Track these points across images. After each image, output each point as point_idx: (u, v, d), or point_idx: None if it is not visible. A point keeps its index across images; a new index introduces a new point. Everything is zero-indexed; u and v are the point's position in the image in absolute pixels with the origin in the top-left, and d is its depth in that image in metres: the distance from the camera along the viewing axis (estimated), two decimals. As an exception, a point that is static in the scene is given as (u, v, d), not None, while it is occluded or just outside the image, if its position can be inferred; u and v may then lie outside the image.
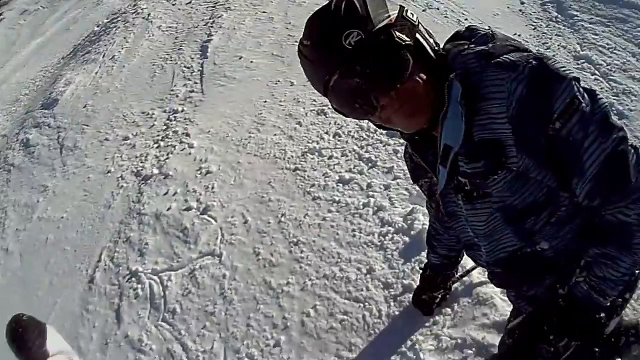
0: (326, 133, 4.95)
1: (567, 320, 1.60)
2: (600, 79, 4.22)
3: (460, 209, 1.67)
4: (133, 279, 4.43)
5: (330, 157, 4.58)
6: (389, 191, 3.91)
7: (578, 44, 4.69)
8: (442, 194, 1.70)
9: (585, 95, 1.38)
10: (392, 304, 3.13)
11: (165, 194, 5.16)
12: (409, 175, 2.08)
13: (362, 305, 3.23)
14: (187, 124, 5.96)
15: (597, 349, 1.79)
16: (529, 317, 1.75)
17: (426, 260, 2.77)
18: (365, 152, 4.40)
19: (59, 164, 6.51)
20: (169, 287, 4.16)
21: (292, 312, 3.45)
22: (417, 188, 2.36)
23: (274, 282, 3.75)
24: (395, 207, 3.73)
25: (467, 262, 2.81)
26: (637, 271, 1.58)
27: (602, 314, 1.59)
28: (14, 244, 5.68)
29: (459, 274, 2.87)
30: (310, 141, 4.97)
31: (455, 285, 2.97)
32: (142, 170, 5.71)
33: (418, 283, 2.90)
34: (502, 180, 1.49)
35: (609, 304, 1.59)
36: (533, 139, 1.40)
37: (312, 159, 4.67)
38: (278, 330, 3.42)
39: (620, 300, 1.71)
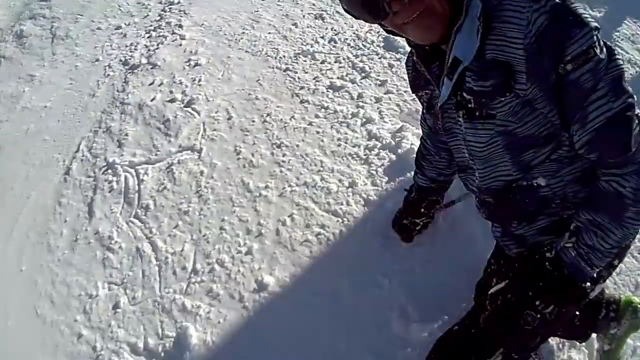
0: (322, 37, 4.78)
1: (553, 286, 1.60)
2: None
3: (459, 126, 1.64)
4: (109, 171, 4.30)
5: (323, 62, 4.47)
6: (380, 104, 3.82)
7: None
8: (442, 108, 1.67)
9: (604, 49, 1.36)
10: (370, 223, 3.06)
11: (150, 84, 4.98)
12: (401, 91, 1.95)
13: (340, 220, 3.17)
14: (181, 16, 5.77)
15: (577, 313, 1.79)
16: (513, 282, 1.73)
17: (412, 183, 2.70)
18: (360, 61, 4.30)
19: (49, 54, 6.28)
20: (144, 182, 4.03)
21: (268, 219, 3.36)
22: (409, 105, 2.33)
23: (252, 184, 3.62)
24: (385, 122, 3.64)
25: (451, 192, 2.76)
26: (625, 243, 1.60)
27: (588, 283, 1.59)
28: (-5, 136, 5.54)
29: (443, 203, 2.80)
30: (304, 43, 4.81)
31: (438, 214, 2.86)
32: (130, 59, 5.53)
33: (401, 206, 2.84)
34: (508, 104, 1.46)
35: (595, 274, 1.60)
36: (544, 71, 1.38)
37: (305, 61, 4.55)
38: (252, 237, 3.34)
39: (606, 268, 1.72)
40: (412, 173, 2.88)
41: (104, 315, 3.50)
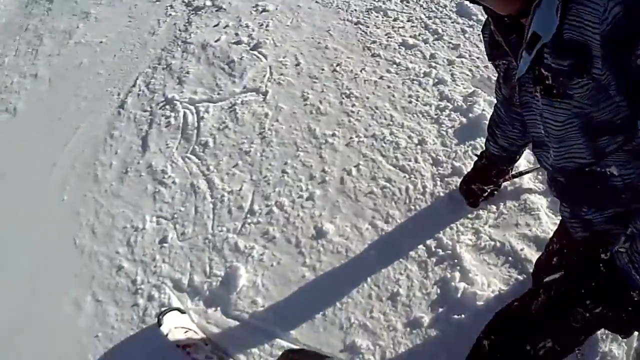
0: (394, -5, 4.71)
1: (604, 288, 1.53)
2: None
3: (537, 102, 1.59)
4: (167, 106, 4.22)
5: (395, 19, 4.32)
6: (452, 67, 3.70)
7: None
8: (520, 81, 1.62)
9: None
10: (438, 183, 3.00)
11: (215, 25, 4.89)
12: (474, 57, 1.90)
13: (407, 176, 3.09)
14: (249, -38, 5.66)
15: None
16: (568, 277, 1.66)
17: (483, 149, 2.63)
18: (433, 23, 4.15)
19: (105, -8, 6.25)
20: (204, 119, 3.94)
21: (333, 167, 3.29)
22: (481, 72, 2.37)
23: (319, 131, 3.53)
24: (457, 85, 3.54)
25: (521, 164, 2.76)
26: None
27: (637, 292, 1.50)
28: (44, 69, 5.48)
29: (512, 173, 2.75)
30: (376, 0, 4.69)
31: (505, 184, 2.79)
32: (193, 1, 5.45)
33: (470, 170, 2.77)
34: (585, 86, 1.40)
35: None
36: (618, 61, 1.31)
37: (377, 17, 4.39)
38: (314, 182, 3.27)
39: None
40: (483, 138, 2.86)
41: (148, 249, 3.44)
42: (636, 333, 2.20)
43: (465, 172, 2.81)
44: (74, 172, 4.21)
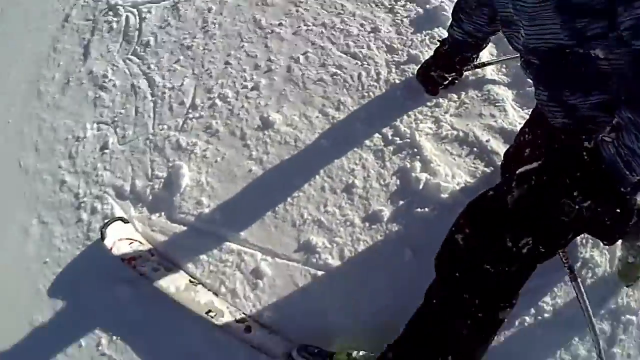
0: None
1: (593, 181, 1.46)
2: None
3: None
4: (110, 12, 4.09)
5: None
6: None
7: None
8: None
9: None
10: (393, 70, 2.93)
11: None
12: None
13: (359, 63, 3.02)
14: None
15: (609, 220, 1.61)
16: (549, 167, 1.56)
17: (446, 35, 2.57)
18: None
19: None
20: (146, 20, 3.81)
21: (279, 55, 3.21)
22: None
23: (265, 21, 3.40)
24: None
25: (483, 56, 2.73)
26: None
27: (628, 188, 1.45)
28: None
29: (474, 63, 2.66)
30: None
31: (467, 74, 2.71)
32: None
33: (429, 57, 2.69)
34: None
35: (635, 179, 1.44)
36: None
37: None
38: (260, 72, 3.19)
39: None
40: (441, 28, 2.90)
41: (90, 158, 3.36)
42: (619, 241, 2.14)
43: (423, 60, 2.75)
44: (19, 91, 4.11)
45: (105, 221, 2.93)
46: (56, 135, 3.61)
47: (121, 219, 2.92)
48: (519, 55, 2.16)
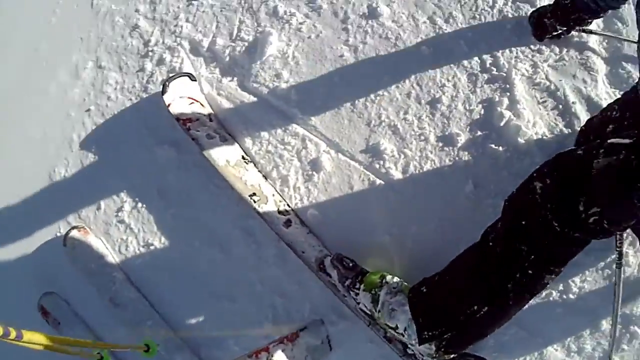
0: None
1: None
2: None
3: None
4: None
5: None
6: None
7: None
8: None
9: None
10: (510, 2, 2.83)
11: None
12: None
13: None
14: None
15: None
16: (637, 146, 1.59)
17: None
18: None
19: None
20: None
21: None
22: None
23: None
24: None
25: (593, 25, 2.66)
26: None
27: None
28: None
29: (586, 27, 2.64)
30: None
31: (574, 33, 2.69)
32: None
33: (550, 4, 2.63)
34: None
35: None
36: None
37: None
38: None
39: None
40: None
41: (174, 6, 3.34)
42: None
43: (539, 5, 2.74)
44: None
45: (171, 75, 2.90)
46: None
47: (189, 75, 2.90)
48: (625, 38, 2.54)
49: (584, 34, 2.68)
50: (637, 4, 1.76)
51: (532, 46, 2.67)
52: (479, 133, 2.55)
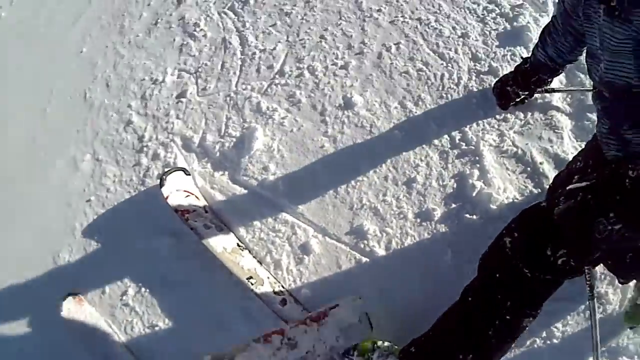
0: None
1: (628, 204, 1.60)
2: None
3: (598, 17, 1.74)
4: (214, -43, 4.16)
5: None
6: None
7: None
8: None
9: None
10: (474, 77, 3.08)
11: None
12: None
13: (445, 64, 3.16)
14: None
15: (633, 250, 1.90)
16: (594, 186, 1.73)
17: (527, 55, 2.79)
18: None
19: None
20: (247, -25, 3.89)
21: (373, 41, 3.35)
22: None
23: (366, 4, 3.56)
24: None
25: (554, 83, 2.87)
26: None
27: None
28: None
29: (546, 87, 2.85)
30: None
31: (536, 95, 2.90)
32: None
33: (509, 72, 2.84)
34: None
35: None
36: None
37: None
38: (352, 52, 3.34)
39: None
40: (523, 48, 3.08)
41: (164, 103, 3.51)
42: (632, 283, 2.32)
43: (502, 74, 2.91)
44: (99, 23, 4.25)
45: (167, 169, 3.03)
46: (132, 74, 3.76)
47: (183, 170, 3.03)
48: (586, 88, 2.70)
49: (547, 94, 2.87)
50: (587, 54, 1.97)
51: (497, 116, 2.88)
52: (454, 205, 2.70)
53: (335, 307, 2.40)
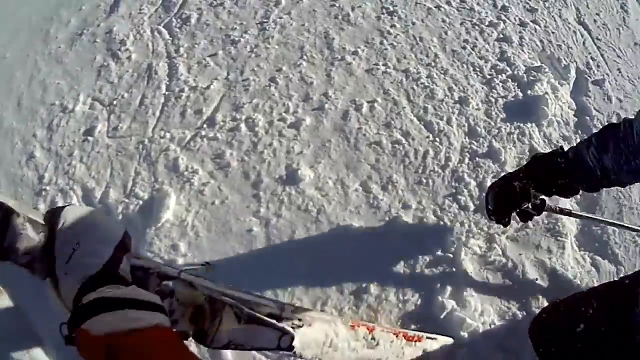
0: None
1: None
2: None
3: None
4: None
5: None
6: (523, 29, 3.42)
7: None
8: None
9: None
10: (466, 159, 2.67)
11: None
12: (550, 30, 2.47)
13: (431, 137, 2.75)
14: None
15: None
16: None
17: (538, 135, 2.67)
18: None
19: None
20: (197, -11, 3.57)
21: (340, 94, 2.94)
22: (552, 49, 2.73)
23: (338, 42, 3.19)
24: (522, 51, 3.25)
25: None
26: None
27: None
28: None
29: (561, 207, 2.33)
30: None
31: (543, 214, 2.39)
32: None
33: (516, 170, 2.22)
34: None
35: None
36: None
37: None
38: (308, 106, 2.91)
39: None
40: (535, 126, 2.78)
41: (70, 139, 3.12)
42: None
43: (505, 158, 2.63)
44: (29, 25, 3.97)
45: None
46: (44, 94, 3.43)
47: None
48: (627, 225, 2.35)
49: (557, 216, 2.50)
50: None
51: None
52: (413, 327, 2.22)
53: (432, 339, 2.14)
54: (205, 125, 2.91)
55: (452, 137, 2.73)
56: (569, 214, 2.32)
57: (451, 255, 2.35)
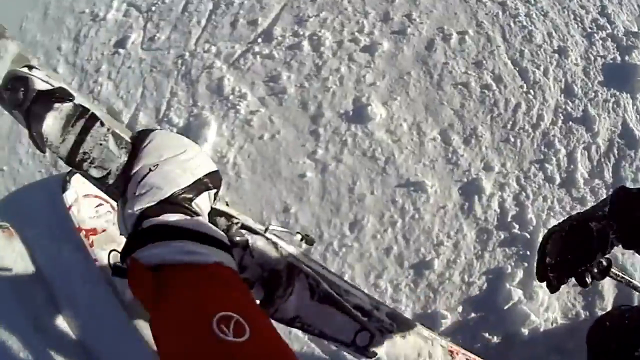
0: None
1: None
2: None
3: None
4: None
5: None
6: None
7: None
8: None
9: None
10: (559, 121, 2.40)
11: None
12: None
13: (525, 88, 2.46)
14: None
15: None
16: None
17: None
18: None
19: None
20: None
21: (426, 18, 2.63)
22: None
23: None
24: (622, 11, 2.95)
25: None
26: None
27: None
28: None
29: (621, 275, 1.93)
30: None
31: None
32: None
33: (592, 207, 1.66)
34: None
35: None
36: None
37: None
38: (387, 28, 2.58)
39: None
40: (630, 98, 2.55)
41: (98, 51, 2.83)
42: None
43: (596, 129, 2.39)
44: None
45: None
46: (74, 2, 3.14)
47: None
48: None
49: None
50: None
51: (574, 192, 2.26)
52: (472, 315, 2.08)
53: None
54: (259, 40, 2.61)
55: (547, 91, 2.47)
56: (635, 288, 1.97)
57: (528, 236, 2.16)
